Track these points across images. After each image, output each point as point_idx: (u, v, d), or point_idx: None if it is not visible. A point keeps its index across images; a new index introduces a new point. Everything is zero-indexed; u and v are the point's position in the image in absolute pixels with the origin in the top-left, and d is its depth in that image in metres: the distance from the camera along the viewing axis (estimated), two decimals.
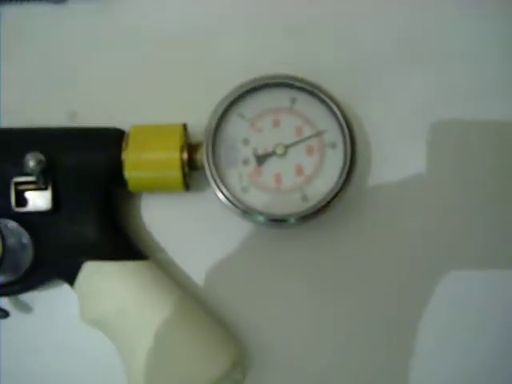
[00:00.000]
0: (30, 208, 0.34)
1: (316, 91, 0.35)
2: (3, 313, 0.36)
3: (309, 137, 0.35)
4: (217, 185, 0.34)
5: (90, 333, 0.34)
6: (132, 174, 0.35)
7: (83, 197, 0.35)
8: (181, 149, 0.35)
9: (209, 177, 0.34)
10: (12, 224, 0.34)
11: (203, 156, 0.35)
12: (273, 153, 0.35)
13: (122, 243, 0.36)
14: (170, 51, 0.41)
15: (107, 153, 0.35)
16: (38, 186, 0.34)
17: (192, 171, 0.36)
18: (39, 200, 0.34)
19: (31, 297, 0.38)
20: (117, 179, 0.35)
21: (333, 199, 0.34)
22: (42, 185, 0.34)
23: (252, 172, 0.35)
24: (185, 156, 0.35)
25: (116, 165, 0.35)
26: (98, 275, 0.34)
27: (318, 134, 0.35)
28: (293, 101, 0.36)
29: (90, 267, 0.34)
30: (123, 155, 0.35)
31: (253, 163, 0.35)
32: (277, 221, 0.34)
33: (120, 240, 0.36)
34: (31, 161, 0.33)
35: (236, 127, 0.35)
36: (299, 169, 0.35)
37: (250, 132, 0.35)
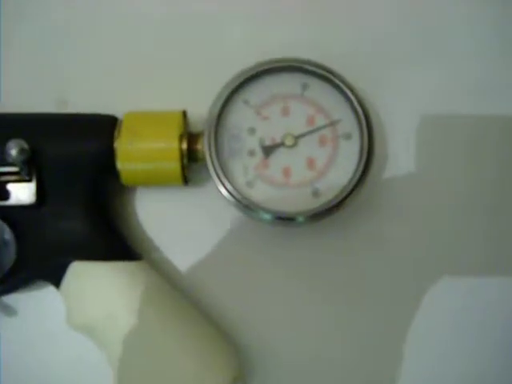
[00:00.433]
0: (13, 201, 0.33)
1: (330, 76, 0.34)
2: None
3: (321, 127, 0.34)
4: (219, 178, 0.33)
5: (79, 340, 0.33)
6: (125, 166, 0.34)
7: (71, 190, 0.34)
8: (179, 138, 0.34)
9: (210, 169, 0.33)
10: None
11: (204, 146, 0.33)
12: (281, 144, 0.34)
13: (114, 242, 0.35)
14: (169, 33, 0.39)
15: (98, 142, 0.34)
16: (21, 178, 0.33)
17: (192, 163, 0.35)
18: (22, 193, 0.33)
19: (15, 298, 0.36)
20: (108, 171, 0.34)
21: (347, 196, 0.33)
22: (26, 176, 0.33)
23: (258, 164, 0.34)
24: (184, 146, 0.34)
25: (108, 155, 0.33)
26: (86, 277, 0.33)
27: (332, 124, 0.34)
28: (304, 87, 0.35)
29: (78, 268, 0.33)
30: (115, 144, 0.33)
31: (259, 155, 0.34)
32: (285, 219, 0.33)
33: (111, 238, 0.35)
34: (13, 149, 0.31)
35: (241, 115, 0.34)
36: (310, 162, 0.34)
37: (256, 120, 0.34)
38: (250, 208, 0.33)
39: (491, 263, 0.37)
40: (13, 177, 0.33)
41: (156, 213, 0.38)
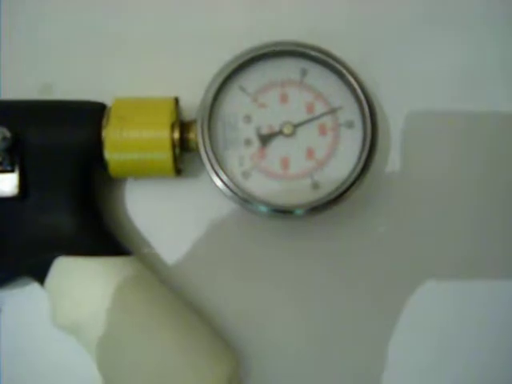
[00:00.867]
0: None
1: (331, 61, 0.33)
2: None
3: (321, 114, 0.33)
4: (213, 169, 0.32)
5: (64, 341, 0.33)
6: (113, 156, 0.33)
7: (56, 181, 0.33)
8: (171, 126, 0.33)
9: (204, 159, 0.32)
10: None
11: (197, 135, 0.33)
12: (279, 132, 0.33)
13: (101, 236, 0.34)
14: (160, 15, 0.38)
15: (85, 130, 0.33)
16: (3, 168, 0.32)
17: (184, 153, 0.34)
18: (4, 184, 0.32)
19: None
20: (96, 161, 0.33)
21: (349, 188, 0.32)
22: (8, 166, 0.32)
23: (255, 154, 0.33)
24: (176, 135, 0.33)
25: (95, 144, 0.33)
26: (72, 273, 0.32)
27: (333, 112, 0.33)
28: (303, 72, 0.34)
29: (63, 263, 0.32)
30: (103, 133, 0.33)
31: (256, 144, 0.33)
32: (282, 212, 0.32)
33: (99, 232, 0.34)
34: None
35: (236, 102, 0.33)
36: (310, 152, 0.33)
37: (253, 108, 0.33)
38: (246, 200, 0.32)
39: (479, 264, 0.37)
40: None
41: (146, 206, 0.37)
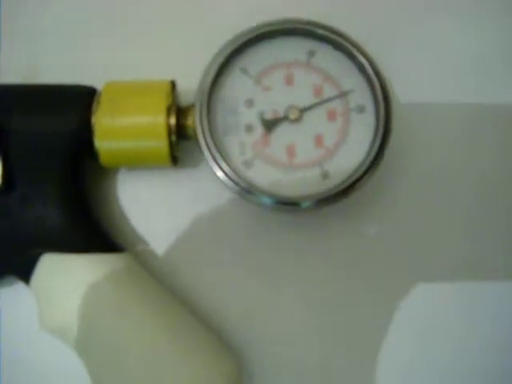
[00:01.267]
0: None
1: (340, 40, 0.32)
2: None
3: (330, 98, 0.32)
4: (213, 157, 0.31)
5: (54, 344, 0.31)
6: (104, 144, 0.32)
7: (43, 173, 0.32)
8: (167, 112, 0.32)
9: (203, 147, 0.31)
10: None
11: (195, 121, 0.31)
12: (284, 118, 0.32)
13: (92, 231, 0.33)
14: None
15: (73, 116, 0.32)
16: None
17: (181, 141, 0.33)
18: None
19: None
20: (86, 150, 0.32)
21: (361, 178, 0.31)
22: None
23: (257, 142, 0.32)
24: (172, 121, 0.32)
25: (84, 132, 0.32)
26: (60, 271, 0.31)
27: (342, 95, 0.32)
28: (311, 53, 0.32)
29: (50, 261, 0.31)
30: (93, 119, 0.31)
31: (259, 130, 0.32)
32: (288, 204, 0.31)
33: (89, 227, 0.33)
34: None
35: (237, 85, 0.32)
36: (318, 138, 0.32)
37: (256, 91, 0.32)
38: (249, 191, 0.31)
39: (471, 267, 0.36)
40: None
41: (141, 198, 0.36)
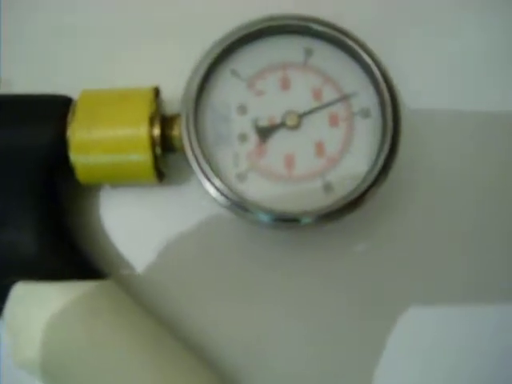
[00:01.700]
0: None
1: (342, 37, 0.30)
2: None
3: (331, 102, 0.31)
4: (202, 171, 0.30)
5: None
6: (80, 159, 0.30)
7: (14, 192, 0.30)
8: (150, 122, 0.30)
9: (190, 160, 0.30)
10: None
11: (182, 131, 0.30)
12: (281, 124, 0.31)
13: (70, 256, 0.31)
14: None
15: (47, 129, 0.31)
16: None
17: (167, 154, 0.31)
18: None
19: None
20: (62, 166, 0.31)
21: (367, 190, 0.29)
22: None
23: (252, 152, 0.30)
24: (156, 132, 0.30)
25: (60, 146, 0.30)
26: (33, 301, 0.29)
27: (345, 98, 0.31)
28: (308, 52, 0.31)
29: (22, 290, 0.29)
30: (69, 132, 0.30)
31: (253, 139, 0.31)
32: (287, 220, 0.30)
33: (67, 252, 0.31)
34: None
35: (228, 90, 0.31)
36: (319, 146, 0.30)
37: (249, 96, 0.31)
38: (243, 208, 0.30)
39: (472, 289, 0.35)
40: None
41: (126, 218, 0.35)
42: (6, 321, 0.29)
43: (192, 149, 0.30)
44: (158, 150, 0.30)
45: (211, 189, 0.30)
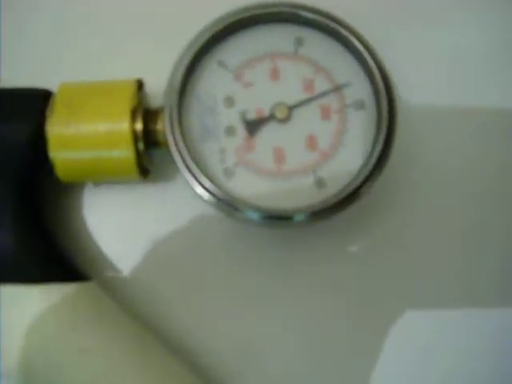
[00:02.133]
0: None
1: (333, 26, 0.29)
2: None
3: (323, 93, 0.30)
4: (187, 167, 0.29)
5: None
6: (59, 155, 0.29)
7: None
8: (132, 116, 0.29)
9: (175, 155, 0.29)
10: None
11: (166, 126, 0.29)
12: (270, 117, 0.30)
13: (51, 258, 0.30)
14: None
15: (24, 124, 0.30)
16: None
17: (151, 149, 0.31)
18: None
19: None
20: (42, 163, 0.30)
21: (362, 185, 0.28)
22: None
23: (240, 146, 0.30)
24: (138, 126, 0.30)
25: (39, 142, 0.29)
26: (12, 306, 0.29)
27: (337, 89, 0.30)
28: (299, 41, 0.30)
29: (2, 293, 0.29)
30: (47, 127, 0.29)
31: (241, 133, 0.30)
32: (278, 218, 0.29)
33: (47, 253, 0.30)
34: None
35: (214, 81, 0.30)
36: (311, 140, 0.29)
37: (236, 87, 0.30)
38: (231, 205, 0.29)
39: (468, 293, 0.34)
40: None
41: (108, 218, 0.34)
42: None
43: (176, 143, 0.29)
44: (141, 146, 0.30)
45: (197, 186, 0.29)
